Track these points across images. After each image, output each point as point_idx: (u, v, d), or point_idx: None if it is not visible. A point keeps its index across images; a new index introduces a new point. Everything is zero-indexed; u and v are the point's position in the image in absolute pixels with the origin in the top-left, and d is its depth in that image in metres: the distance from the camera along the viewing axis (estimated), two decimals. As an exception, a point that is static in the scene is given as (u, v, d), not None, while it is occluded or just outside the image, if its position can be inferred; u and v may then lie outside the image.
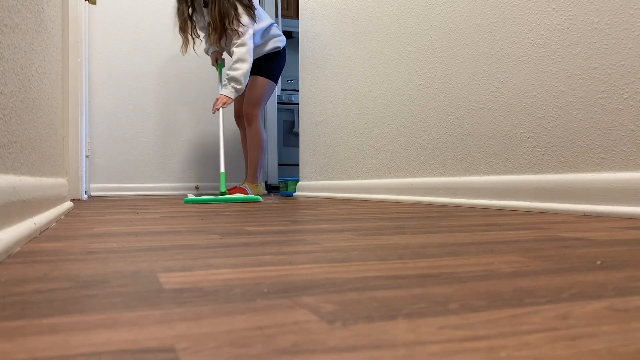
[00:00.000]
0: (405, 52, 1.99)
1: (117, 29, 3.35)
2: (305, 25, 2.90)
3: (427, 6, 1.86)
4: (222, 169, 2.48)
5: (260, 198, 2.20)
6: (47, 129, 1.09)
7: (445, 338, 0.26)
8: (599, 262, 0.50)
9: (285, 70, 4.19)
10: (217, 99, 2.63)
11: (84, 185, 2.47)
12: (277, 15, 3.91)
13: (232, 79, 2.63)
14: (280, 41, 2.86)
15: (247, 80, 2.65)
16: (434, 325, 0.28)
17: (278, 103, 3.99)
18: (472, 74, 1.63)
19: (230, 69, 2.65)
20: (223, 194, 2.27)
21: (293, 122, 4.08)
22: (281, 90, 4.08)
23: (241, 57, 2.64)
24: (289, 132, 4.08)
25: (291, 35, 4.21)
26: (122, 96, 3.37)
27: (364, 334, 0.27)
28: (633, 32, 1.13)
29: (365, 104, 2.28)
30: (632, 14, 1.13)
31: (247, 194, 2.65)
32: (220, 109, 2.60)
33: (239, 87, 2.64)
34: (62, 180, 1.34)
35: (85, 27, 2.73)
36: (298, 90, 4.03)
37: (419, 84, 1.90)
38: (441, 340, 0.26)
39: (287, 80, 4.21)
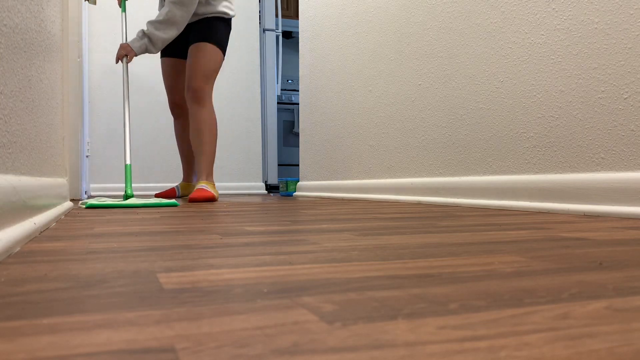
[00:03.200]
0: (405, 52, 1.99)
1: (117, 29, 3.35)
2: (305, 25, 2.90)
3: (427, 6, 1.86)
4: (128, 160, 1.84)
5: (176, 203, 1.69)
6: (47, 129, 1.09)
7: (445, 338, 0.26)
8: (599, 263, 0.50)
9: (285, 70, 4.20)
10: (121, 47, 2.07)
11: (84, 185, 2.47)
12: (277, 16, 3.90)
13: (150, 37, 2.10)
14: (230, 9, 2.30)
15: (161, 49, 2.15)
16: (434, 325, 0.28)
17: (278, 103, 3.99)
18: (472, 74, 1.63)
19: (155, 25, 2.09)
20: (129, 197, 1.76)
21: (293, 122, 4.08)
22: (281, 90, 4.08)
23: (174, 19, 2.10)
24: (289, 132, 4.08)
25: (291, 35, 4.21)
26: (122, 96, 3.37)
27: (364, 334, 0.27)
28: (633, 32, 1.13)
29: (365, 104, 2.28)
30: (632, 14, 1.13)
31: (212, 195, 2.10)
32: (124, 63, 2.04)
33: (152, 50, 2.12)
34: (61, 180, 1.34)
35: (85, 27, 2.73)
36: (298, 90, 4.04)
37: (419, 84, 1.90)
38: (441, 340, 0.26)
39: (287, 80, 4.21)
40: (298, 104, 4.07)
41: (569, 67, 1.28)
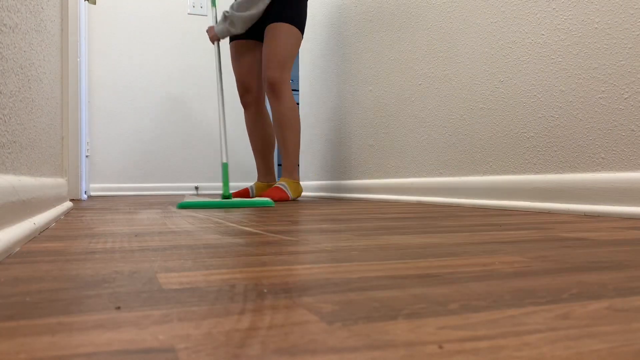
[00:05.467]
0: (405, 52, 1.99)
1: (117, 29, 3.36)
2: (305, 25, 2.90)
3: (427, 6, 1.86)
4: (225, 159, 1.79)
5: (271, 202, 1.64)
6: (46, 129, 1.09)
7: (445, 338, 0.26)
8: (595, 262, 0.50)
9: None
10: (208, 30, 2.16)
11: (84, 185, 2.47)
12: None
13: (231, 18, 2.09)
14: None
15: (245, 28, 2.12)
16: (434, 325, 0.28)
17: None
18: (472, 74, 1.63)
19: (235, 6, 2.08)
20: (226, 198, 1.69)
21: (293, 122, 4.08)
22: (281, 90, 4.08)
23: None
24: (289, 132, 4.08)
25: (291, 35, 4.21)
26: (122, 96, 3.37)
27: (364, 334, 0.27)
28: (633, 32, 1.13)
29: (365, 104, 2.28)
30: (632, 14, 1.13)
31: (287, 195, 2.08)
32: (216, 47, 2.02)
33: (232, 30, 2.10)
34: (61, 180, 1.34)
35: (85, 27, 2.73)
36: (298, 90, 4.03)
37: (419, 84, 1.90)
38: (441, 340, 0.26)
39: (287, 80, 4.21)
40: (298, 103, 4.07)
41: (569, 66, 1.28)
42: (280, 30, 2.07)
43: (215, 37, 2.12)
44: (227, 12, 2.10)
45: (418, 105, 1.91)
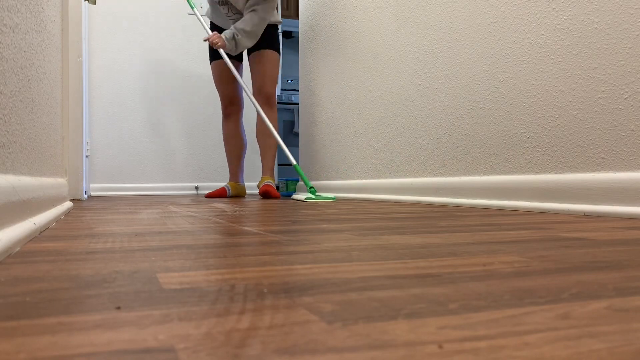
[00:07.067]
0: (405, 52, 1.99)
1: (117, 29, 3.36)
2: (305, 25, 2.90)
3: (427, 6, 1.86)
4: (293, 161, 2.29)
5: (333, 197, 2.13)
6: (46, 129, 1.09)
7: (445, 338, 0.26)
8: (593, 262, 0.50)
9: (285, 70, 4.20)
10: (216, 36, 2.41)
11: (84, 185, 2.47)
12: (277, 15, 3.90)
13: (238, 43, 2.41)
14: (280, 16, 2.62)
15: (239, 52, 2.48)
16: (434, 325, 0.28)
17: (278, 103, 3.99)
18: (472, 74, 1.63)
19: (243, 34, 2.39)
20: (312, 191, 2.17)
21: (293, 122, 4.08)
22: (281, 90, 4.08)
23: (258, 30, 2.39)
24: (289, 132, 4.08)
25: (291, 35, 4.21)
26: (122, 96, 3.37)
27: (364, 334, 0.27)
28: (633, 32, 1.13)
29: (365, 104, 2.28)
30: (632, 14, 1.13)
31: (278, 194, 2.47)
32: (223, 51, 2.40)
33: (234, 52, 2.44)
34: (61, 180, 1.34)
35: (85, 27, 2.73)
36: (298, 90, 4.04)
37: (419, 84, 1.90)
38: (441, 340, 0.26)
39: (287, 80, 4.21)
40: (298, 104, 4.07)
41: (569, 67, 1.28)
42: (268, 55, 2.54)
43: (223, 47, 2.43)
44: (237, 35, 2.40)
45: (418, 105, 1.91)
